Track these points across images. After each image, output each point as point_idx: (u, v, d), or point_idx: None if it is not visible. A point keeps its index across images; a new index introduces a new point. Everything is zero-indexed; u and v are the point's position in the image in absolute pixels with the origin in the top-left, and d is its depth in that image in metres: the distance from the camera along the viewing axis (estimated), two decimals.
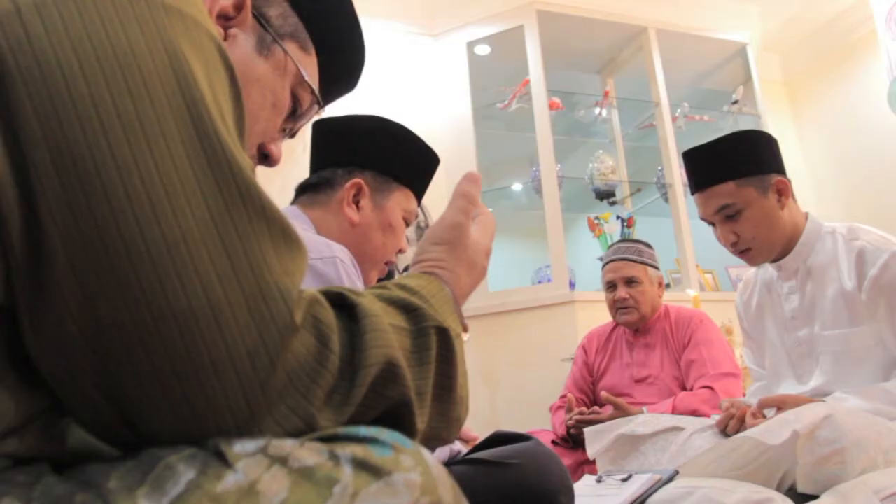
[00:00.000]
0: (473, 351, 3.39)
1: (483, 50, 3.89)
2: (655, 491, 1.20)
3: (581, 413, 2.11)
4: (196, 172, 0.40)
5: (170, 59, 0.42)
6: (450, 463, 0.97)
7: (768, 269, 1.65)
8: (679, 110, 4.04)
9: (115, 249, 0.38)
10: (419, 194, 1.25)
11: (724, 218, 1.52)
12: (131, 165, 0.39)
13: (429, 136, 3.97)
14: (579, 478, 1.51)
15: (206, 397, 0.39)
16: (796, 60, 4.50)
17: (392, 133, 1.22)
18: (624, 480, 1.25)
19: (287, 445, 0.38)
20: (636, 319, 2.29)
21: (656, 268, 2.37)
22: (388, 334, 0.46)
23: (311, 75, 0.73)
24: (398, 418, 0.47)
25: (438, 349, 0.51)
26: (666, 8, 3.97)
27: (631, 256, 2.33)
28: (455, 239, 0.63)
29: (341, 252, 0.99)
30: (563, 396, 2.35)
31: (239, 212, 0.41)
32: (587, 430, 1.59)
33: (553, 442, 2.23)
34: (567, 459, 2.11)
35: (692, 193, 1.60)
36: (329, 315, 0.44)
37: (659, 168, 3.89)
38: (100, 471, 0.37)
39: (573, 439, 2.16)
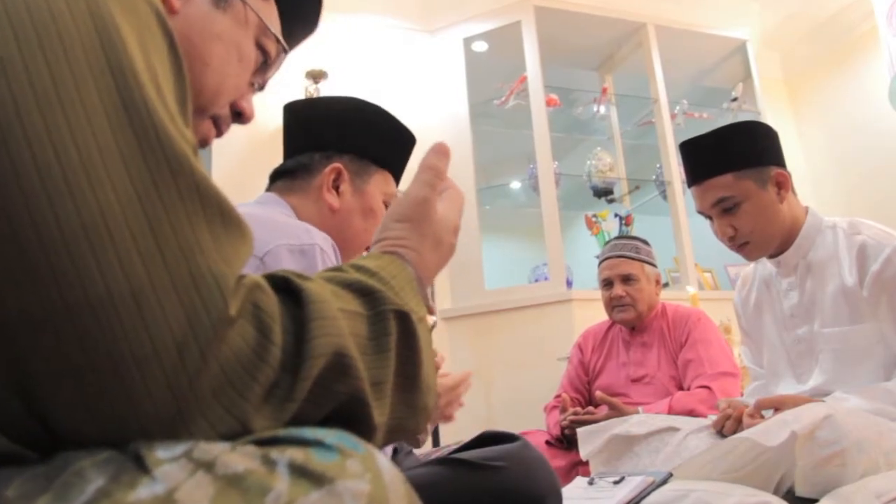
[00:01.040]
0: (469, 350, 3.36)
1: (480, 47, 3.86)
2: (649, 493, 1.16)
3: (576, 413, 2.07)
4: (120, 145, 0.37)
5: (94, 22, 0.38)
6: (431, 463, 0.93)
7: (767, 266, 1.61)
8: (678, 107, 4.00)
9: (23, 230, 0.34)
10: (397, 176, 1.21)
11: (722, 211, 1.48)
12: (43, 136, 0.35)
13: (425, 134, 3.93)
14: (573, 479, 1.47)
15: (127, 395, 0.35)
16: (796, 57, 4.46)
17: (368, 115, 1.18)
18: (616, 483, 1.20)
19: (215, 449, 0.34)
20: (632, 317, 2.25)
21: (654, 265, 2.33)
22: (337, 322, 0.42)
23: (274, 23, 0.69)
24: (352, 414, 0.43)
25: (399, 335, 0.47)
26: (665, 4, 3.93)
27: (628, 253, 2.29)
28: (419, 215, 0.59)
29: (322, 239, 0.95)
30: (558, 396, 2.31)
31: (168, 189, 0.37)
32: (580, 431, 1.55)
33: (547, 442, 2.19)
34: (561, 460, 2.07)
35: (689, 186, 1.55)
36: (271, 302, 0.40)
37: (658, 166, 3.85)
38: (4, 477, 0.33)
39: (567, 440, 2.12)
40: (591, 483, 1.27)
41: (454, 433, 3.19)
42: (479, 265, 3.46)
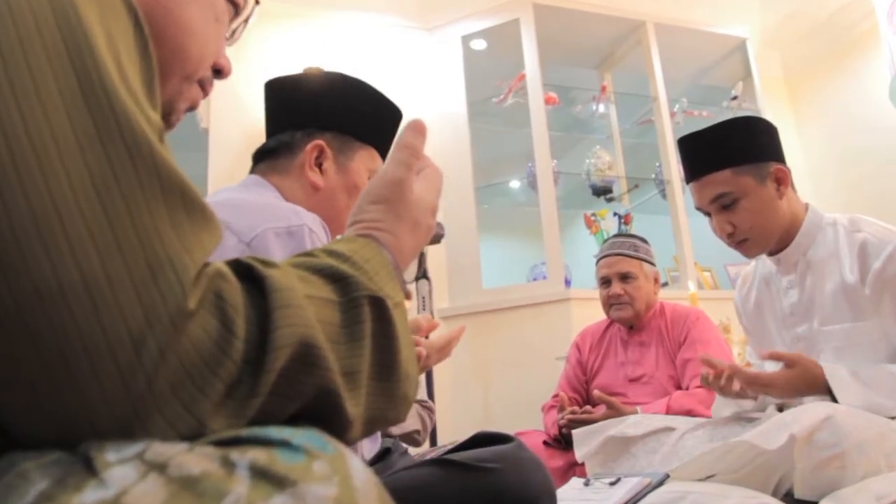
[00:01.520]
0: (467, 349, 3.34)
1: (478, 45, 3.84)
2: (645, 495, 1.13)
3: (573, 412, 2.05)
4: (76, 130, 0.35)
5: (50, 1, 0.36)
6: (423, 464, 0.90)
7: (767, 264, 1.59)
8: (677, 106, 3.98)
9: None
10: (383, 152, 1.17)
11: (720, 207, 1.46)
12: None
13: None
14: (570, 480, 1.45)
15: (79, 394, 0.32)
16: (796, 56, 4.43)
17: (350, 89, 1.14)
18: (612, 484, 1.18)
19: (170, 450, 0.31)
20: (630, 316, 2.23)
21: (652, 263, 2.30)
22: (303, 310, 0.39)
23: None
24: (324, 407, 0.41)
25: (374, 322, 0.45)
26: (664, 2, 3.91)
27: (626, 251, 2.26)
28: (395, 196, 0.56)
29: (311, 219, 0.92)
30: (556, 396, 2.29)
31: (126, 174, 0.35)
32: (575, 432, 1.53)
33: (545, 443, 2.17)
34: (559, 461, 2.04)
35: (687, 182, 1.53)
36: (235, 292, 0.38)
37: (657, 164, 3.83)
38: None
39: (565, 439, 2.09)
40: (586, 484, 1.25)
41: (452, 433, 3.17)
42: (476, 264, 3.44)
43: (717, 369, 1.42)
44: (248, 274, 0.40)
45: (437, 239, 3.00)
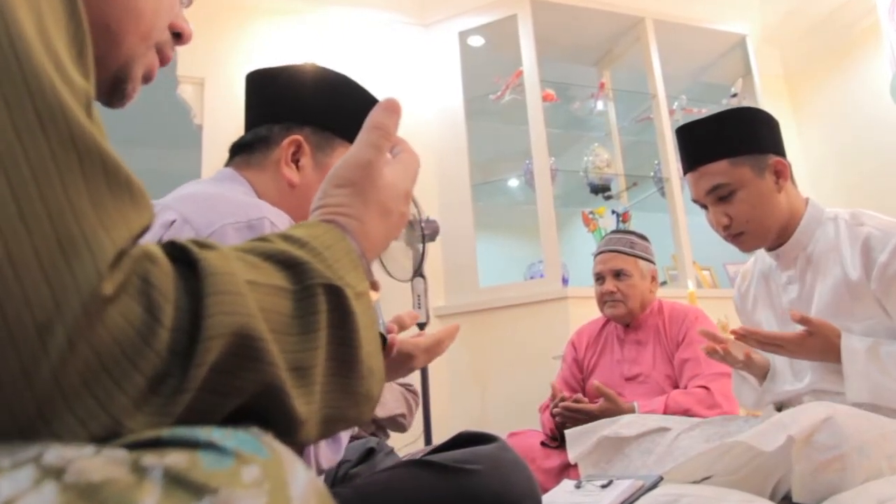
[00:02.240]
0: (463, 348, 3.31)
1: (476, 41, 3.80)
2: (638, 498, 1.10)
3: (563, 400, 2.01)
4: None
5: None
6: (400, 465, 0.86)
7: (766, 259, 1.55)
8: (677, 103, 3.94)
9: None
10: None
11: (717, 199, 1.42)
12: None
13: (420, 129, 3.90)
14: (562, 482, 1.41)
15: None
16: (797, 53, 4.39)
17: (332, 84, 1.10)
18: (604, 486, 1.14)
19: (71, 453, 0.27)
20: (623, 313, 2.19)
21: (649, 261, 2.26)
22: (242, 297, 0.36)
23: None
24: (268, 406, 0.37)
25: (331, 312, 0.41)
26: None
27: (621, 248, 2.22)
28: (363, 179, 0.52)
29: (274, 214, 0.87)
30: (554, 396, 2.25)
31: (35, 141, 0.31)
32: (568, 433, 1.49)
33: (542, 443, 2.13)
34: (555, 461, 2.01)
35: (684, 174, 1.50)
36: (165, 276, 0.34)
37: (656, 162, 3.80)
38: None
39: (562, 439, 2.05)
40: (578, 486, 1.21)
41: (448, 434, 3.12)
42: (473, 262, 3.41)
43: (717, 341, 1.39)
44: (184, 257, 0.36)
45: (432, 236, 2.96)
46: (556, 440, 2.06)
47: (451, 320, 3.36)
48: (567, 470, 1.92)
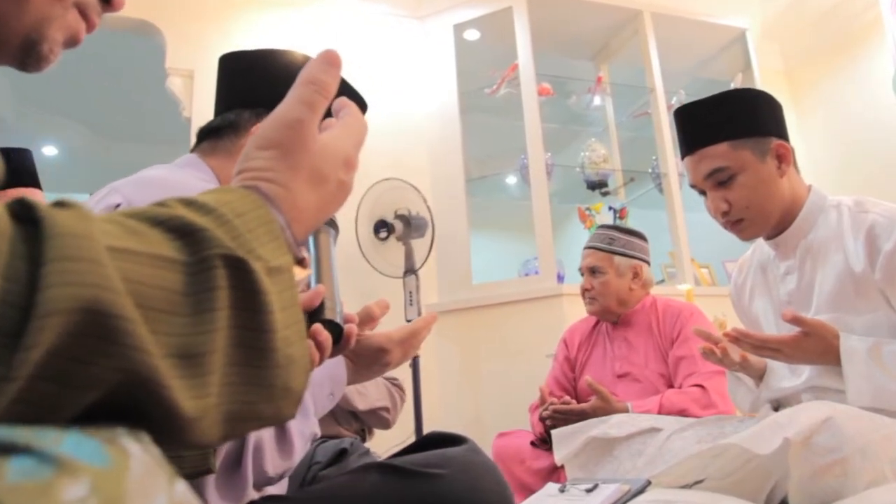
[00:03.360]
0: (456, 346, 3.25)
1: (471, 35, 3.75)
2: (624, 503, 1.03)
3: (553, 403, 1.94)
4: None
5: None
6: (360, 469, 0.80)
7: (765, 250, 1.48)
8: (675, 98, 3.88)
9: None
10: None
11: (716, 184, 1.36)
12: None
13: (413, 124, 3.84)
14: (554, 482, 1.34)
15: None
16: (797, 47, 4.33)
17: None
18: (589, 491, 1.08)
19: None
20: (598, 310, 2.17)
21: (633, 257, 2.19)
22: (98, 266, 0.29)
23: None
24: (143, 399, 0.31)
25: (233, 289, 0.35)
26: None
27: (598, 244, 2.20)
28: (290, 141, 0.46)
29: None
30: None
31: None
32: (555, 433, 1.43)
33: (532, 443, 2.06)
34: (545, 461, 1.94)
35: (682, 158, 1.43)
36: None
37: (654, 158, 3.73)
38: None
39: (552, 439, 1.99)
40: (562, 490, 1.14)
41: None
42: (466, 259, 3.35)
43: (713, 341, 1.32)
44: (30, 216, 0.29)
45: (420, 231, 2.90)
46: (546, 442, 2.00)
47: (445, 318, 3.30)
48: (557, 471, 1.86)
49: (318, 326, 0.62)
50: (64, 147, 5.15)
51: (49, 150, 5.15)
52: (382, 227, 2.94)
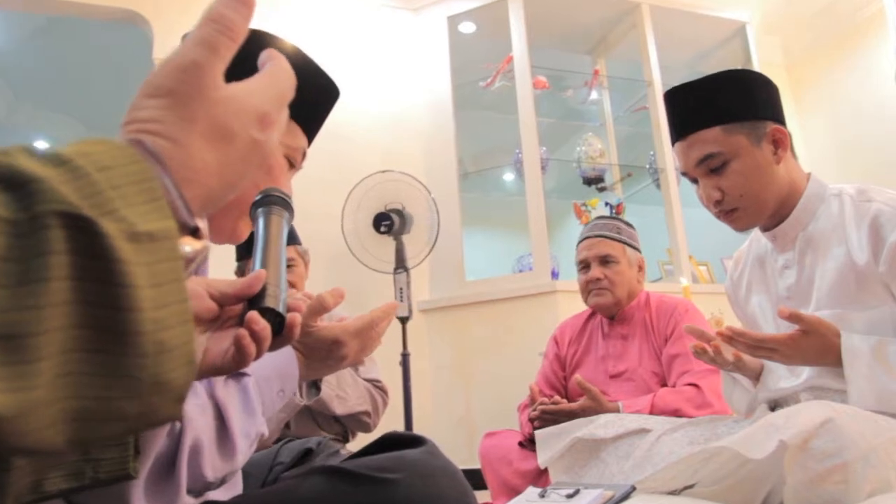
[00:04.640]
0: (448, 344, 3.19)
1: (467, 28, 3.68)
2: None
3: (543, 403, 1.86)
4: None
5: None
6: (306, 473, 0.73)
7: (762, 242, 1.40)
8: None
9: None
10: (308, 128, 0.96)
11: (708, 171, 1.27)
12: None
13: (406, 117, 3.77)
14: (544, 486, 1.27)
15: None
16: (798, 41, 4.26)
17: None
18: (570, 496, 1.01)
19: None
20: (609, 303, 2.04)
21: (637, 249, 2.12)
22: None
23: None
24: None
25: (73, 255, 0.28)
26: None
27: (608, 233, 2.08)
28: (185, 87, 0.38)
29: None
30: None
31: None
32: (538, 433, 1.35)
33: (520, 444, 1.99)
34: (533, 462, 1.85)
35: (673, 144, 1.34)
36: None
37: (651, 153, 3.66)
38: None
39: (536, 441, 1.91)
40: (542, 495, 1.07)
41: (430, 432, 3.00)
42: (459, 255, 3.28)
43: (706, 339, 1.23)
44: None
45: (401, 227, 2.83)
46: (534, 443, 1.92)
47: (437, 314, 3.23)
48: (545, 473, 1.78)
49: (253, 315, 0.55)
50: (55, 142, 5.09)
51: (41, 145, 5.09)
52: (384, 219, 2.88)
